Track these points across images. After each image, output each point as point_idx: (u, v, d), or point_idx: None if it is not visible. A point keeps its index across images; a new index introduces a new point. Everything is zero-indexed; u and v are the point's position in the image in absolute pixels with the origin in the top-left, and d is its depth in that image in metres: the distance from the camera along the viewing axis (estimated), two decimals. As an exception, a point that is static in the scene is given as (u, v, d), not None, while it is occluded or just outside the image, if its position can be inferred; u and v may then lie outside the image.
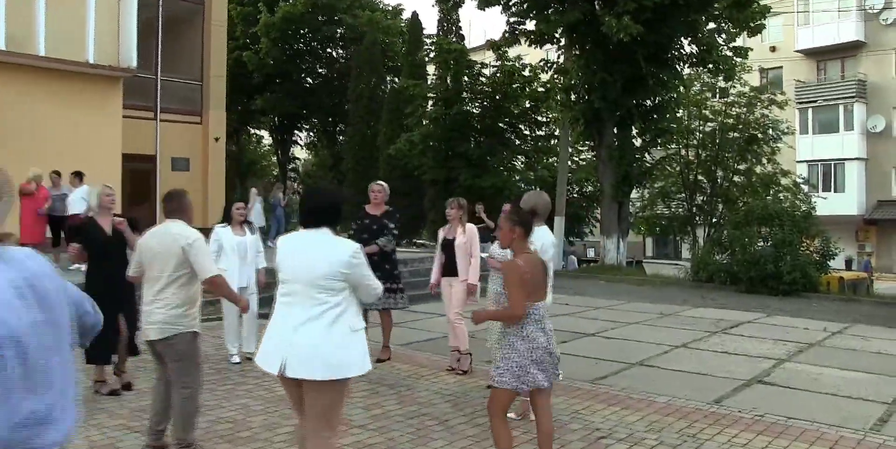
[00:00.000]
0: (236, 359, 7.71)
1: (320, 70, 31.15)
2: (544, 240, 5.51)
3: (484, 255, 7.16)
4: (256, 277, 7.88)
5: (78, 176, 12.60)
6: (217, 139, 22.30)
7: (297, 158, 38.57)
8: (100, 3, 15.56)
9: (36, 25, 14.74)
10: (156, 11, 20.86)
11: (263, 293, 7.73)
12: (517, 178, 26.35)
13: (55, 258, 12.66)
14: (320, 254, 3.80)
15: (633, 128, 20.24)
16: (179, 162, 21.68)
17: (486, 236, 17.00)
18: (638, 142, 21.03)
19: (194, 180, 21.72)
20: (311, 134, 35.40)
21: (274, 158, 38.26)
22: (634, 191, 22.72)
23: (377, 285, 3.95)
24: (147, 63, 21.33)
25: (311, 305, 3.78)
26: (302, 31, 28.81)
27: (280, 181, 33.42)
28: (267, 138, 39.12)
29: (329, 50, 30.63)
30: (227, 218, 7.78)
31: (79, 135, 15.40)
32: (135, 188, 20.08)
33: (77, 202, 12.30)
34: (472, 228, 7.52)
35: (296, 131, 35.19)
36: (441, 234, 7.69)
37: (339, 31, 29.40)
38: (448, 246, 7.50)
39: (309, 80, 31.16)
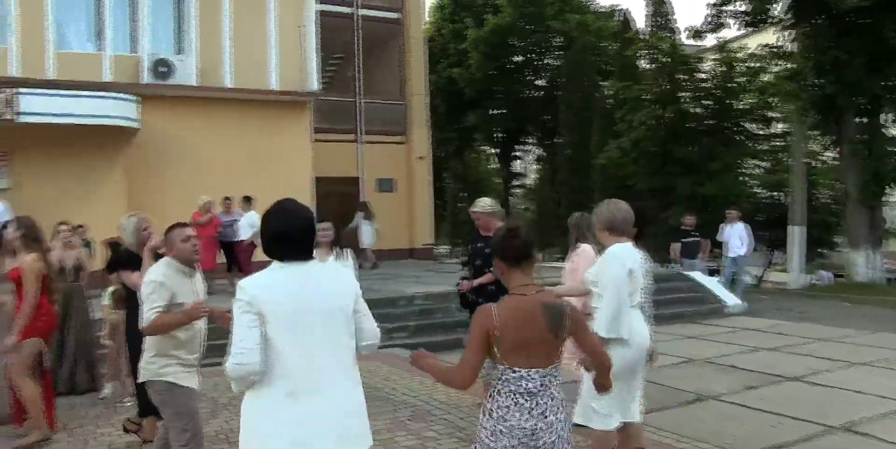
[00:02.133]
0: None
1: (535, 81, 30.04)
2: (607, 266, 4.02)
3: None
4: None
5: (247, 201, 12.49)
6: (421, 158, 21.95)
7: (521, 174, 37.65)
8: (281, 31, 15.66)
9: (223, 58, 15.12)
10: (353, 34, 21.04)
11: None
12: (753, 183, 23.33)
13: (230, 282, 12.66)
14: (333, 286, 2.87)
15: (882, 115, 16.86)
16: (385, 183, 21.58)
17: (693, 251, 14.94)
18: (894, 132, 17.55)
19: (400, 200, 21.56)
20: (535, 148, 34.36)
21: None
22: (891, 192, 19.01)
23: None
24: (347, 86, 21.62)
25: (340, 354, 2.82)
26: (512, 43, 27.92)
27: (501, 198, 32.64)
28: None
29: (543, 59, 29.45)
30: None
31: (269, 160, 15.55)
32: (341, 211, 20.10)
33: (244, 228, 12.19)
34: (586, 250, 5.91)
35: (518, 146, 34.31)
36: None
37: (551, 38, 28.15)
38: None
39: (526, 91, 30.19)
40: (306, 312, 2.73)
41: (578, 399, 4.33)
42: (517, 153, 35.49)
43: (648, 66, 22.59)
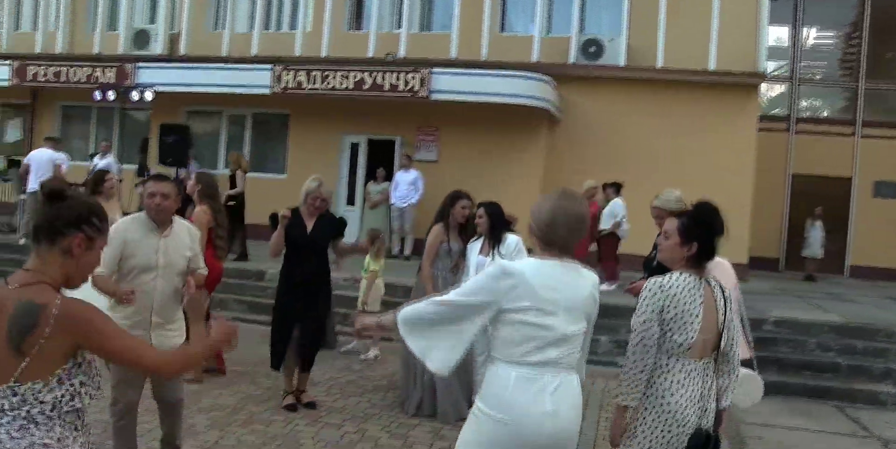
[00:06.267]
0: None
1: None
2: None
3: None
4: None
5: (614, 187, 11.37)
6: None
7: None
8: (725, 5, 13.85)
9: (656, 37, 14.06)
10: (860, 10, 17.61)
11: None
12: None
13: (608, 275, 11.51)
14: None
15: None
16: (885, 187, 17.70)
17: None
18: None
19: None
20: None
21: None
22: None
23: None
24: (850, 70, 18.24)
25: None
26: None
27: None
28: None
29: None
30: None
31: (702, 148, 13.93)
32: (825, 214, 16.85)
33: (606, 217, 11.16)
34: (721, 264, 3.90)
35: None
36: None
37: None
38: None
39: None
40: None
41: None
42: None
43: None
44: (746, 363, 4.01)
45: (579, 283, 2.82)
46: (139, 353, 2.09)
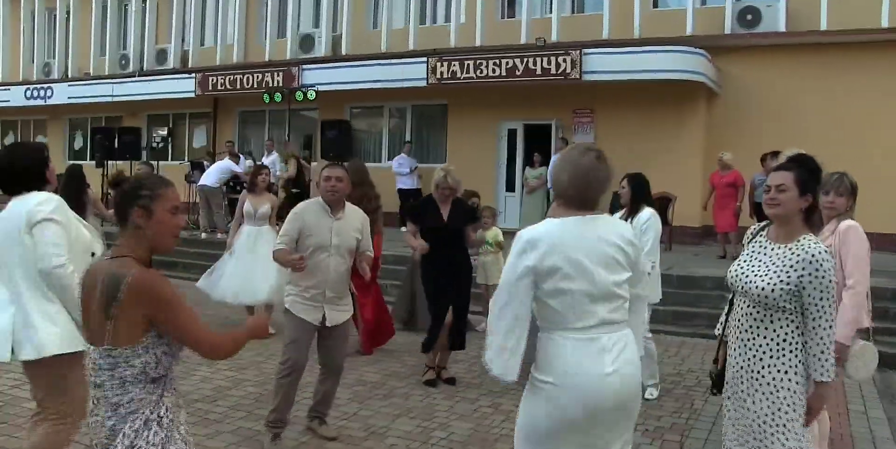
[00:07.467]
0: None
1: None
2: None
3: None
4: None
5: (774, 157, 10.91)
6: None
7: None
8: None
9: (819, -2, 13.35)
10: None
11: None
12: None
13: None
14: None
15: None
16: None
17: None
18: None
19: None
20: None
21: None
22: None
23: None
24: None
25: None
26: None
27: None
28: None
29: None
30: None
31: (882, 113, 13.01)
32: None
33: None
34: (850, 227, 3.86)
35: None
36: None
37: None
38: None
39: None
40: None
41: None
42: None
43: None
44: (863, 332, 3.90)
45: (607, 233, 2.72)
46: (200, 333, 2.35)
